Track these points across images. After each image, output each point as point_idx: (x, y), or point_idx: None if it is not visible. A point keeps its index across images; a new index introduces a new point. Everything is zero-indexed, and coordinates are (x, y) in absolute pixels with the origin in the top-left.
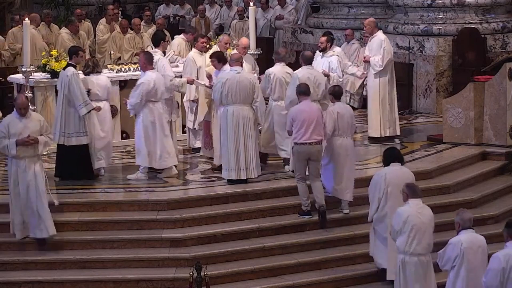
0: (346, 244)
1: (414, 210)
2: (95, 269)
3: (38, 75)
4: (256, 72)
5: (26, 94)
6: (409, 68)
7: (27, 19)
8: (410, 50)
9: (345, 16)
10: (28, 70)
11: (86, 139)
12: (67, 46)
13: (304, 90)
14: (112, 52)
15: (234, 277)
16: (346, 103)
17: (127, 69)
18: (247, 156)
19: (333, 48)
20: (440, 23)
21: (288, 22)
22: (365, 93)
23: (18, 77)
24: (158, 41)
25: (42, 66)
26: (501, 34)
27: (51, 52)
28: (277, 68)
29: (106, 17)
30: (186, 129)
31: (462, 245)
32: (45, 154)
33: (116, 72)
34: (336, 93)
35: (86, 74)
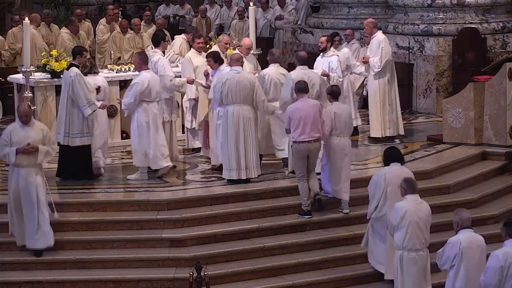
0: (346, 244)
1: (412, 206)
2: (95, 269)
3: (38, 75)
4: (258, 72)
5: (26, 94)
6: (409, 68)
7: (27, 19)
8: (410, 50)
9: (345, 16)
10: (28, 70)
11: (90, 140)
12: (67, 46)
13: (302, 88)
14: (112, 52)
15: (234, 277)
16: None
17: (127, 69)
18: (247, 156)
19: (340, 48)
20: (440, 23)
21: (288, 23)
22: (365, 93)
23: (18, 77)
24: (158, 41)
25: (42, 66)
26: (501, 34)
27: (51, 52)
28: (271, 69)
29: (106, 17)
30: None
31: (461, 244)
32: None
33: (116, 72)
34: (334, 93)
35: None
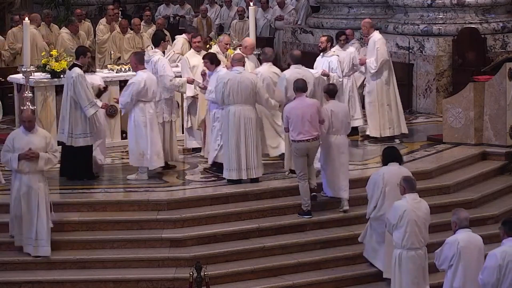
0: (346, 244)
1: (410, 205)
2: (95, 269)
3: (38, 75)
4: None
5: (26, 94)
6: (409, 68)
7: (27, 19)
8: (410, 50)
9: (345, 16)
10: (28, 70)
11: (93, 140)
12: (67, 46)
13: (300, 87)
14: (112, 52)
15: (234, 277)
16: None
17: (127, 69)
18: (248, 156)
19: (346, 47)
20: (440, 23)
21: (288, 23)
22: (364, 93)
23: (18, 77)
24: (158, 41)
25: (42, 66)
26: (501, 34)
27: (51, 52)
28: (264, 68)
29: (106, 17)
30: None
31: (459, 244)
32: None
33: (116, 72)
34: (330, 91)
35: None
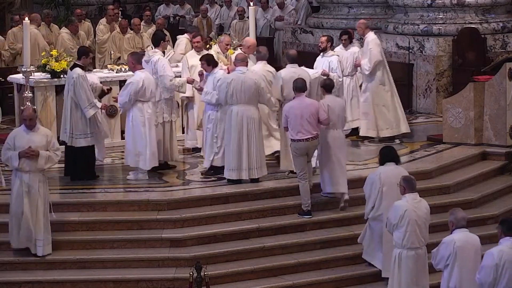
0: (346, 244)
1: (411, 205)
2: (95, 269)
3: (38, 75)
4: None
5: (26, 94)
6: (409, 68)
7: (27, 19)
8: (410, 50)
9: (345, 16)
10: (28, 70)
11: (94, 140)
12: (67, 46)
13: (299, 86)
14: (112, 52)
15: (234, 277)
16: None
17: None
18: (251, 156)
19: (350, 46)
20: (440, 23)
21: (288, 23)
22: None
23: (18, 77)
24: (158, 41)
25: (42, 66)
26: (501, 34)
27: (51, 52)
28: (258, 66)
29: (106, 17)
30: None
31: (455, 244)
32: None
33: (116, 72)
34: (327, 86)
35: None
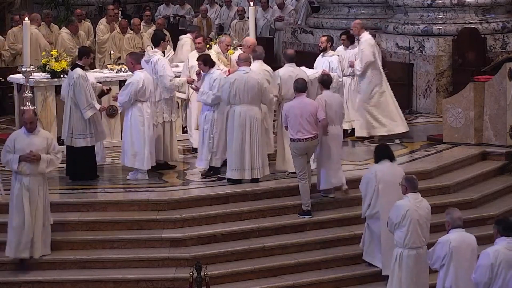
0: (346, 244)
1: (412, 204)
2: (95, 269)
3: (38, 75)
4: None
5: (26, 94)
6: (409, 68)
7: (27, 19)
8: (410, 50)
9: (345, 16)
10: (28, 70)
11: (93, 140)
12: (67, 46)
13: (300, 86)
14: (112, 52)
15: (234, 277)
16: None
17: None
18: (253, 156)
19: (351, 46)
20: (440, 23)
21: (288, 24)
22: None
23: (18, 77)
24: (158, 41)
25: (42, 66)
26: (501, 34)
27: (51, 52)
28: (255, 65)
29: (106, 17)
30: (186, 128)
31: (451, 244)
32: None
33: (116, 72)
34: (324, 82)
35: None
